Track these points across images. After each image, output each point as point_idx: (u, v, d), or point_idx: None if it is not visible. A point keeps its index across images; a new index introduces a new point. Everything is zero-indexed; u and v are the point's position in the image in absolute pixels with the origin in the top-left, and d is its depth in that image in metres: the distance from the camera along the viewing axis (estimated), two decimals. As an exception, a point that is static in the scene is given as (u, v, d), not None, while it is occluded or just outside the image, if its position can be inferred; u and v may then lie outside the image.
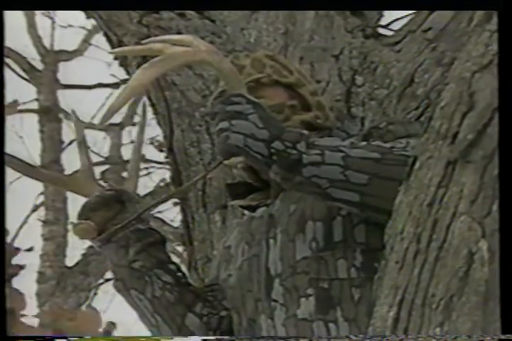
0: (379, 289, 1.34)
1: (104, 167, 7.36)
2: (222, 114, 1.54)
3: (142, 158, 6.71)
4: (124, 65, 2.47)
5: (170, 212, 7.00)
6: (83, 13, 2.93)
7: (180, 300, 1.75)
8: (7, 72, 6.86)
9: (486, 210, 1.16)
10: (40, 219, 6.94)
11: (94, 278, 6.67)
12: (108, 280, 6.96)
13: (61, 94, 7.52)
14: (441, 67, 2.02)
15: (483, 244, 1.15)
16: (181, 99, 2.35)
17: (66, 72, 7.79)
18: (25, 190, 6.82)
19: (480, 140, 1.18)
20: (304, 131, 1.59)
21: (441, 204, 1.22)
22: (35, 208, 7.37)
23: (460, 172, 1.20)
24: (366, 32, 2.30)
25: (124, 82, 7.33)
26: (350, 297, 1.53)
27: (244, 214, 1.81)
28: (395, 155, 1.49)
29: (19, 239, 6.75)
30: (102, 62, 7.34)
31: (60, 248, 6.73)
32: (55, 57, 7.65)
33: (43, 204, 7.06)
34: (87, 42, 7.92)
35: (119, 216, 1.78)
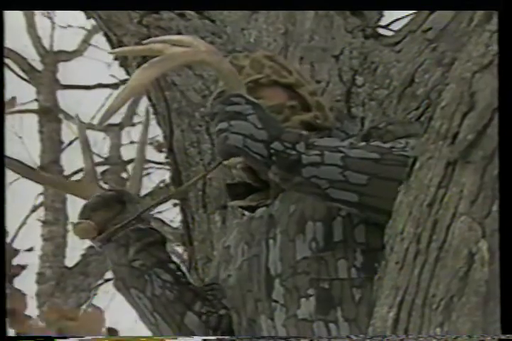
0: (379, 289, 1.34)
1: (104, 167, 7.36)
2: (222, 115, 1.54)
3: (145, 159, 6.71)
4: (124, 65, 2.47)
5: (169, 213, 7.00)
6: (83, 14, 2.93)
7: (179, 298, 1.75)
8: (6, 72, 6.86)
9: (486, 210, 1.16)
10: (40, 220, 6.93)
11: (94, 278, 6.66)
12: (108, 281, 6.96)
13: (60, 94, 7.52)
14: (442, 67, 2.01)
15: (484, 245, 1.15)
16: (181, 99, 2.35)
17: (66, 72, 7.79)
18: (25, 191, 6.83)
19: (480, 140, 1.18)
20: (304, 131, 1.59)
21: (442, 204, 1.22)
22: (35, 208, 7.37)
23: (460, 172, 1.20)
24: (366, 32, 2.30)
25: (123, 82, 7.32)
26: (350, 297, 1.53)
27: (244, 214, 1.81)
28: (395, 155, 1.49)
29: (18, 239, 6.75)
30: (101, 63, 7.34)
31: (59, 248, 6.72)
32: (54, 57, 7.65)
33: (43, 205, 7.06)
34: (86, 42, 7.92)
35: (120, 216, 1.78)
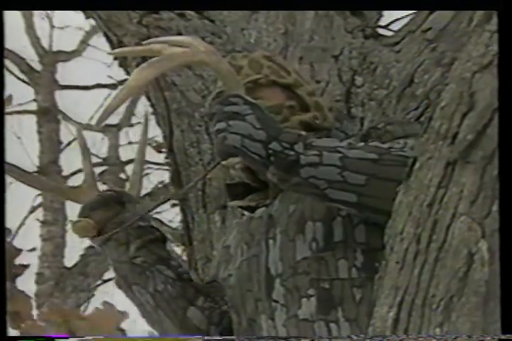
0: (379, 289, 1.34)
1: (102, 168, 7.36)
2: (220, 115, 1.54)
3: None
4: (123, 65, 2.47)
5: (168, 213, 7.01)
6: (82, 14, 2.93)
7: (182, 294, 1.75)
8: (5, 72, 6.85)
9: (485, 211, 1.17)
10: (39, 220, 6.93)
11: (93, 278, 6.66)
12: (106, 281, 6.95)
13: (59, 95, 7.51)
14: (441, 67, 2.01)
15: (483, 245, 1.15)
16: (181, 99, 2.35)
17: (64, 72, 7.78)
18: (24, 191, 6.82)
19: (480, 140, 1.18)
20: (302, 131, 1.60)
21: (441, 204, 1.22)
22: (34, 209, 7.36)
23: (460, 172, 1.20)
24: (366, 32, 2.30)
25: (122, 82, 7.30)
26: (351, 297, 1.53)
27: (244, 214, 1.81)
28: (393, 155, 1.49)
29: (18, 239, 6.74)
30: (100, 63, 7.34)
31: (58, 248, 6.72)
32: (53, 57, 7.64)
33: (42, 205, 7.05)
34: (85, 42, 7.91)
35: (119, 216, 1.79)
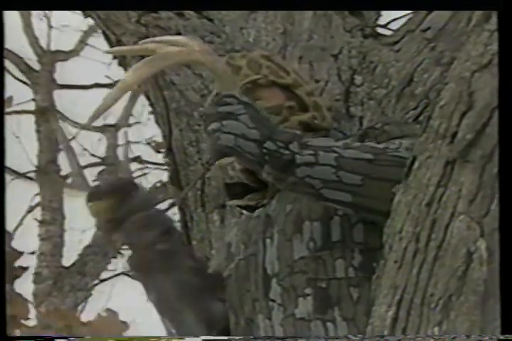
0: (378, 289, 1.34)
1: (100, 168, 7.36)
2: (214, 115, 1.54)
3: (131, 159, 6.73)
4: (122, 64, 2.47)
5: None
6: (80, 13, 2.92)
7: (203, 284, 1.72)
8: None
9: (484, 210, 1.17)
10: (37, 220, 6.92)
11: (91, 278, 6.66)
12: (103, 281, 6.95)
13: (57, 94, 7.51)
14: (440, 66, 2.01)
15: (482, 244, 1.16)
16: (180, 98, 2.35)
17: (62, 72, 7.77)
18: (22, 191, 6.82)
19: (479, 139, 1.19)
20: (297, 131, 1.59)
21: (440, 203, 1.23)
22: (32, 209, 7.35)
23: (459, 171, 1.21)
24: (365, 31, 2.29)
25: (119, 82, 7.29)
26: (348, 296, 1.53)
27: (243, 213, 1.81)
28: (388, 156, 1.49)
29: (16, 239, 6.74)
30: (98, 63, 7.33)
31: (56, 248, 6.72)
32: (51, 57, 7.63)
33: (40, 205, 7.04)
34: (83, 42, 7.90)
35: (130, 201, 1.73)
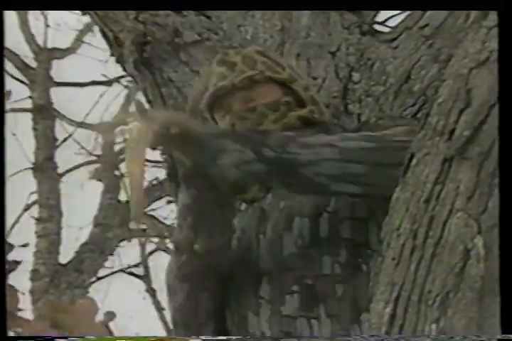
0: (375, 285, 1.34)
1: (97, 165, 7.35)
2: (208, 159, 1.49)
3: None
4: (120, 61, 2.47)
5: (163, 210, 7.04)
6: (78, 11, 2.92)
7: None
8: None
9: (482, 207, 1.17)
10: (34, 217, 6.92)
11: (88, 275, 6.66)
12: (100, 279, 6.95)
13: (54, 92, 7.50)
14: (438, 63, 2.01)
15: (479, 241, 1.16)
16: (177, 95, 2.35)
17: (59, 69, 7.76)
18: (19, 188, 6.81)
19: (476, 136, 1.19)
20: (288, 132, 1.57)
21: (438, 200, 1.23)
22: (28, 206, 7.34)
23: (457, 168, 1.21)
24: (363, 28, 2.29)
25: (117, 79, 7.31)
26: (333, 293, 1.53)
27: (240, 209, 1.81)
28: (388, 141, 1.51)
29: (12, 236, 6.73)
30: (95, 60, 7.34)
31: (53, 245, 6.71)
32: (48, 54, 7.62)
33: (37, 202, 7.04)
34: (79, 40, 7.89)
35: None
